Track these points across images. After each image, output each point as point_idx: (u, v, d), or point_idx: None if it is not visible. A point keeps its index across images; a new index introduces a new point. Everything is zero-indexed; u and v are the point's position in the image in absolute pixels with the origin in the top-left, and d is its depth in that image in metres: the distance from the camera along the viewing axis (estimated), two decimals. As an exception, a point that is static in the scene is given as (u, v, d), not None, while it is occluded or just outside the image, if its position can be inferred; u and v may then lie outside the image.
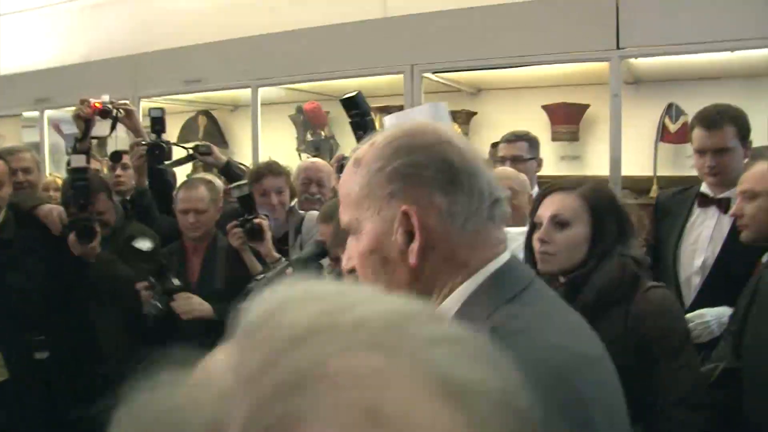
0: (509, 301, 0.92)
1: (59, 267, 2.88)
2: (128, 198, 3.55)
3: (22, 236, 2.89)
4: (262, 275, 2.48)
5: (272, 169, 3.23)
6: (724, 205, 2.47)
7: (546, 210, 1.91)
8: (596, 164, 4.16)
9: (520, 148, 3.26)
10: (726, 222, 2.43)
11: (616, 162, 3.51)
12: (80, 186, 2.88)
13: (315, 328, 0.39)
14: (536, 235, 1.91)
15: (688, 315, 2.05)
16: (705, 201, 2.55)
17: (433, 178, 0.93)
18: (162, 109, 3.36)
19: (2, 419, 2.79)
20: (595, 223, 1.85)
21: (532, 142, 3.31)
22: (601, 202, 1.88)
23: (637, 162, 3.98)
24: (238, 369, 0.39)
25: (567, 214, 1.87)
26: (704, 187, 2.59)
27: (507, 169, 2.87)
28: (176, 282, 2.87)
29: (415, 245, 0.93)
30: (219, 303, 2.82)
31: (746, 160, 2.44)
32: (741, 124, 2.49)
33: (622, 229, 1.87)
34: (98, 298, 2.98)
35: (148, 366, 0.48)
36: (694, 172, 4.09)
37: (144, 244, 3.04)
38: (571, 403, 0.80)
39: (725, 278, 2.34)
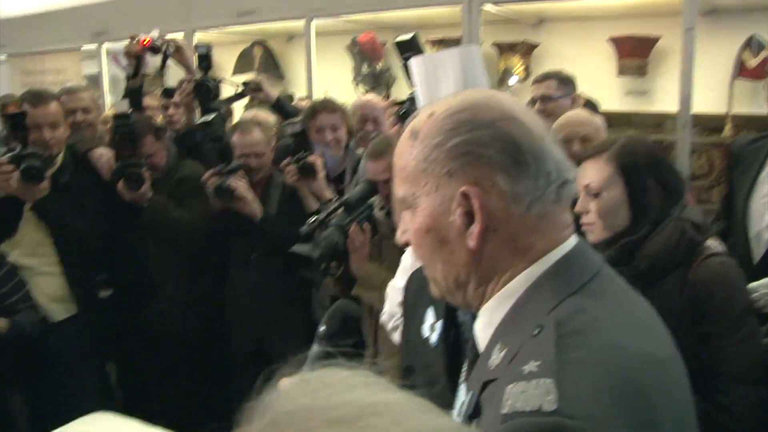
0: (575, 292, 0.85)
1: (114, 210, 2.93)
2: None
3: (78, 179, 2.95)
4: (314, 218, 2.46)
5: (327, 105, 3.18)
6: None
7: (580, 180, 1.81)
8: (665, 100, 3.93)
9: (549, 87, 3.11)
10: None
11: (686, 98, 3.30)
12: (124, 132, 2.90)
13: None
14: (575, 209, 1.82)
15: (754, 284, 1.92)
16: None
17: (495, 158, 0.86)
18: (209, 46, 3.31)
19: (73, 351, 2.93)
20: (631, 184, 1.75)
21: (563, 80, 3.14)
22: (634, 161, 1.76)
23: (710, 99, 3.73)
24: None
25: (596, 182, 1.78)
26: None
27: (580, 114, 2.66)
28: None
29: (475, 228, 0.87)
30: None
31: None
32: None
33: (668, 185, 1.76)
34: (153, 241, 3.03)
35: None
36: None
37: None
38: (639, 407, 0.74)
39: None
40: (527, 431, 0.71)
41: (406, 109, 2.68)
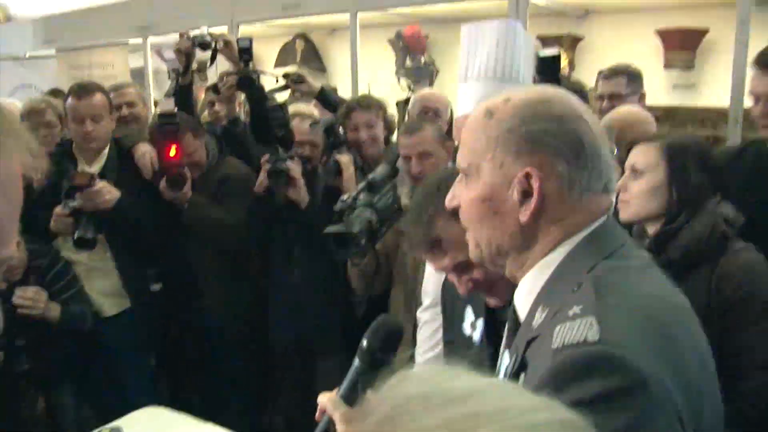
0: (608, 257, 0.98)
1: (160, 206, 2.96)
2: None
3: (126, 173, 2.97)
4: (345, 197, 2.42)
5: (361, 102, 3.18)
6: None
7: (629, 160, 1.93)
8: (713, 94, 3.86)
9: (618, 84, 3.04)
10: None
11: (738, 93, 3.22)
12: (168, 131, 2.89)
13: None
14: (618, 183, 1.91)
15: None
16: None
17: (561, 149, 0.98)
18: (250, 39, 3.31)
19: (126, 345, 3.01)
20: (674, 173, 1.83)
21: (632, 76, 3.07)
22: (681, 151, 1.85)
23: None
24: None
25: (640, 163, 1.88)
26: None
27: (638, 113, 2.62)
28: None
29: (530, 205, 0.99)
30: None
31: None
32: None
33: (711, 179, 1.84)
34: (194, 240, 3.04)
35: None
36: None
37: None
38: (670, 349, 0.88)
39: None
40: (575, 359, 0.84)
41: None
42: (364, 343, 1.20)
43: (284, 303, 3.04)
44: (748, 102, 3.23)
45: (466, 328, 1.69)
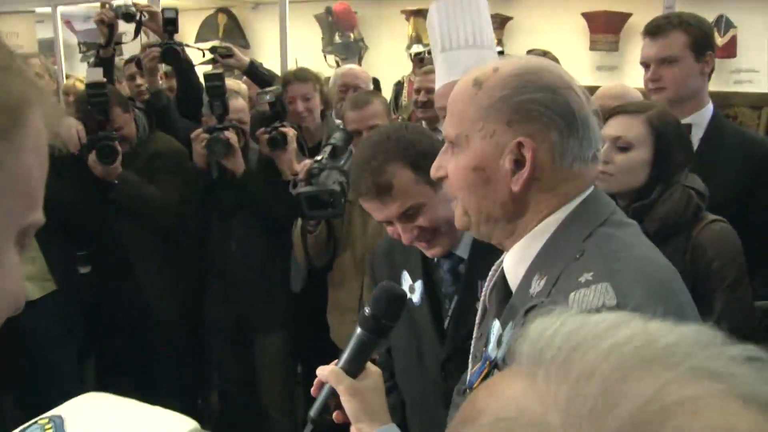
0: (602, 224, 1.01)
1: (87, 183, 2.80)
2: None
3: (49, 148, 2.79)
4: (320, 158, 2.37)
5: (298, 75, 3.11)
6: None
7: (609, 131, 1.91)
8: (635, 76, 4.00)
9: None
10: None
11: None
12: (98, 102, 2.73)
13: (637, 361, 0.39)
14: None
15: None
16: None
17: (552, 118, 0.99)
18: (175, 10, 3.21)
19: (53, 330, 2.85)
20: (660, 150, 1.85)
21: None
22: (668, 129, 1.87)
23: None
24: (567, 407, 0.37)
25: (630, 138, 1.87)
26: None
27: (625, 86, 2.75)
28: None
29: (523, 174, 1.00)
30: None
31: None
32: (694, 33, 2.22)
33: (688, 157, 1.89)
34: (125, 218, 2.91)
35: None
36: (739, 88, 3.95)
37: None
38: (674, 309, 0.92)
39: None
40: None
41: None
42: (367, 310, 1.19)
43: (222, 278, 2.98)
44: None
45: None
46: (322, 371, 1.18)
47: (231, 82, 3.36)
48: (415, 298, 1.68)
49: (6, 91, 0.52)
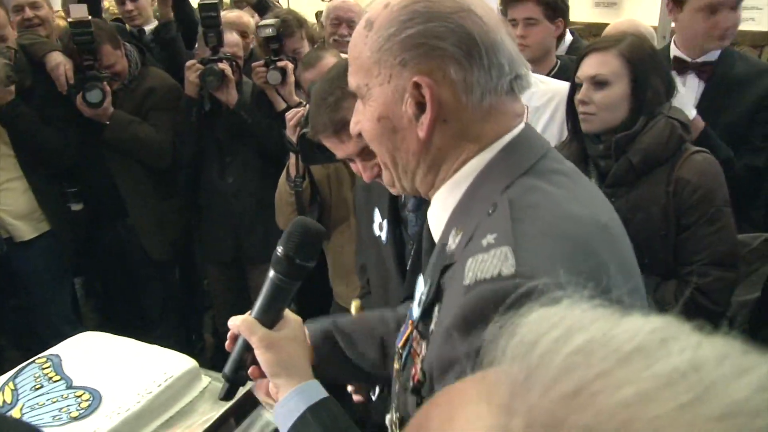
0: (525, 173, 0.89)
1: (78, 121, 2.75)
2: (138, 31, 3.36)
3: (40, 86, 2.71)
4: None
5: (285, 32, 3.02)
6: None
7: (585, 70, 1.91)
8: (636, 12, 3.92)
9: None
10: None
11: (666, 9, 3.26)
12: (83, 41, 2.63)
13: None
14: (577, 96, 1.93)
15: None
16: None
17: (449, 50, 0.87)
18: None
19: (47, 270, 2.84)
20: (637, 81, 1.85)
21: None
22: (643, 59, 1.87)
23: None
24: None
25: (606, 74, 1.86)
26: None
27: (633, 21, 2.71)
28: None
29: (425, 118, 0.89)
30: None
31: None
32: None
33: (667, 86, 1.89)
34: (118, 158, 2.87)
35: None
36: (741, 26, 3.87)
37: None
38: (595, 271, 0.79)
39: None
40: (489, 296, 0.75)
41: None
42: (280, 250, 1.06)
43: (219, 213, 2.97)
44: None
45: (375, 228, 1.74)
46: (234, 322, 1.08)
47: (245, 16, 3.38)
48: (383, 236, 1.67)
49: None
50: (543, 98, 2.26)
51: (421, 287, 0.99)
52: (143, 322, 3.06)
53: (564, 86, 2.12)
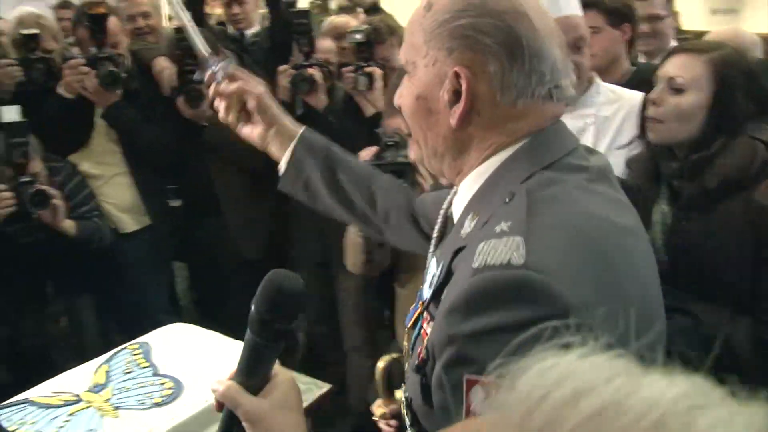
0: (548, 167, 0.90)
1: (180, 121, 2.87)
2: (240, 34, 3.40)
3: (145, 87, 2.87)
4: None
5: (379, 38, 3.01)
6: None
7: (666, 69, 1.73)
8: (757, 20, 3.69)
9: (655, 5, 2.84)
10: None
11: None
12: (187, 47, 2.74)
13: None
14: (649, 95, 1.75)
15: None
16: None
17: (492, 47, 0.89)
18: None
19: (146, 262, 2.97)
20: (720, 96, 1.65)
21: None
22: (733, 74, 1.66)
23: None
24: None
25: (685, 78, 1.68)
26: None
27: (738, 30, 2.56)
28: None
29: (458, 107, 0.91)
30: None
31: None
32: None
33: (760, 108, 1.66)
34: (215, 159, 2.97)
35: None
36: None
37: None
38: (602, 268, 0.80)
39: None
40: (495, 282, 0.77)
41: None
42: (252, 308, 0.91)
43: (307, 217, 2.97)
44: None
45: None
46: (217, 387, 0.96)
47: (348, 21, 3.41)
48: None
49: None
50: (611, 108, 2.11)
51: (433, 269, 1.00)
52: (231, 319, 3.13)
53: (635, 96, 1.98)
